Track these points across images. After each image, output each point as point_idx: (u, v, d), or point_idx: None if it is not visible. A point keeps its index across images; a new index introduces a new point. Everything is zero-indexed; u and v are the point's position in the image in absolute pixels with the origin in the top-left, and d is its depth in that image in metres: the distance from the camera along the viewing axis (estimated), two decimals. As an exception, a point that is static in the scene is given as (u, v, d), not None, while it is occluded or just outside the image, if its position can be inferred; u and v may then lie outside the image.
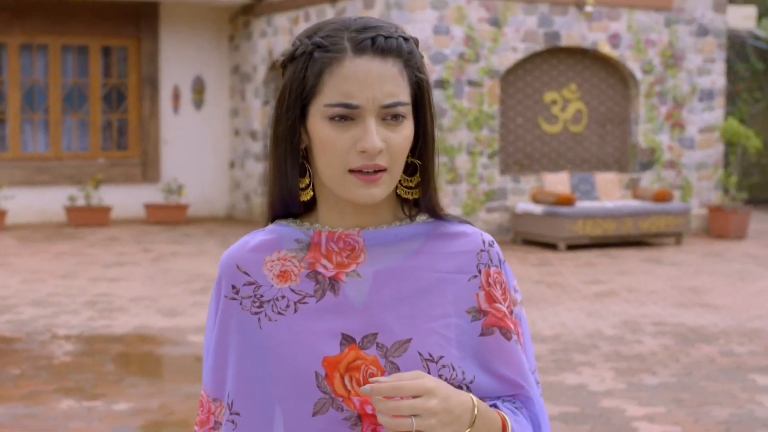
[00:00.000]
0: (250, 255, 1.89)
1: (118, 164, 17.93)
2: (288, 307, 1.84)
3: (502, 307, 1.89)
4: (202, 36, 18.48)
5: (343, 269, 1.85)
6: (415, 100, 1.84)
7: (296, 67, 1.82)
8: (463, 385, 1.83)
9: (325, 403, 1.80)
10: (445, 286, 1.86)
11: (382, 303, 1.83)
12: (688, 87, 16.84)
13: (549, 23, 15.78)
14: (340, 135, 1.76)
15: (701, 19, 16.88)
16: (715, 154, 17.12)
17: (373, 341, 1.81)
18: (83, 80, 17.93)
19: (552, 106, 16.19)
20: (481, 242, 1.90)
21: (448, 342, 1.83)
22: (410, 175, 1.89)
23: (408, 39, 1.82)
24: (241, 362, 1.87)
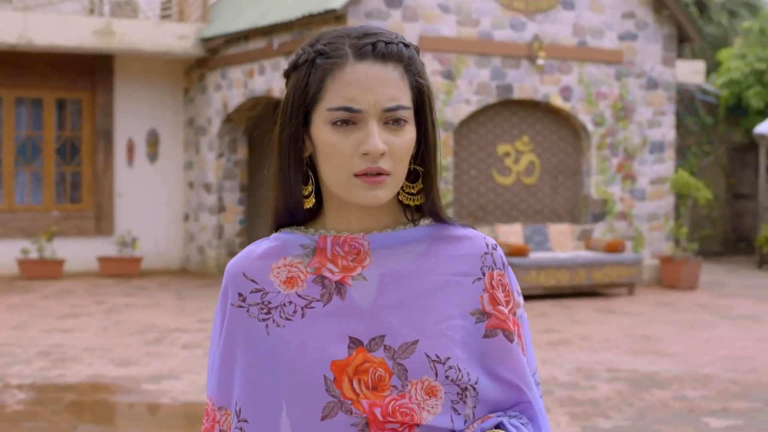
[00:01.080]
0: (256, 262, 1.91)
1: (72, 217, 17.86)
2: (295, 312, 1.86)
3: (504, 310, 1.92)
4: (157, 89, 18.52)
5: (349, 273, 1.87)
6: (416, 106, 1.87)
7: (299, 75, 1.85)
8: (468, 386, 1.86)
9: (333, 406, 1.82)
10: (449, 288, 1.89)
11: (389, 306, 1.86)
12: (638, 139, 17.07)
13: (501, 76, 15.96)
14: (343, 139, 1.80)
15: (651, 72, 17.14)
16: (666, 206, 17.32)
17: (380, 344, 1.84)
18: (37, 133, 17.90)
19: (505, 158, 16.34)
20: (484, 245, 1.93)
21: (454, 343, 1.86)
22: (412, 181, 1.91)
23: (408, 45, 1.86)
24: (248, 369, 1.89)
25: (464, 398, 1.87)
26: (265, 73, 16.31)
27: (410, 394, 1.83)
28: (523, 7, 16.07)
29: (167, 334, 11.59)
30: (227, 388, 1.93)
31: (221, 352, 1.93)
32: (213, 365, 1.96)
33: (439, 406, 1.84)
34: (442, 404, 1.84)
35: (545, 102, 16.37)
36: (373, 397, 1.82)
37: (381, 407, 1.81)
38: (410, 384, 1.83)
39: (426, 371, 1.83)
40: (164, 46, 17.21)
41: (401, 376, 1.83)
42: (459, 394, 1.86)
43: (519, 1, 16.03)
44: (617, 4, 16.81)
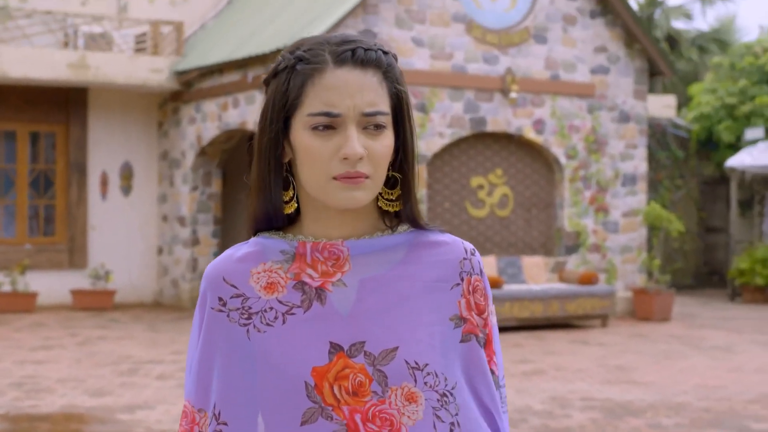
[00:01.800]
0: (236, 267, 1.91)
1: (45, 250, 17.79)
2: (276, 318, 1.87)
3: (477, 315, 1.94)
4: (131, 122, 18.52)
5: (328, 279, 1.88)
6: (395, 112, 1.89)
7: (279, 81, 1.88)
8: (446, 392, 1.87)
9: (314, 412, 1.83)
10: (429, 294, 1.90)
11: (369, 312, 1.86)
12: (611, 172, 17.18)
13: (475, 109, 16.06)
14: (323, 144, 1.81)
15: (623, 105, 17.28)
16: (639, 238, 17.42)
17: (360, 349, 1.85)
18: (10, 166, 17.86)
19: (479, 191, 16.41)
20: (463, 250, 1.94)
21: (434, 349, 1.87)
22: (391, 188, 1.92)
23: (387, 52, 1.88)
24: (228, 373, 1.89)
25: (445, 405, 1.87)
26: (239, 106, 16.34)
27: (390, 400, 1.84)
28: (496, 41, 16.20)
29: (141, 366, 11.55)
30: (205, 391, 1.93)
31: (200, 355, 1.93)
32: (191, 368, 1.96)
33: (419, 412, 1.85)
34: (423, 410, 1.85)
35: (518, 135, 16.47)
36: (354, 403, 1.83)
37: (361, 413, 1.83)
38: (390, 390, 1.84)
39: (406, 378, 1.84)
40: (138, 80, 17.23)
41: (381, 383, 1.84)
42: (439, 401, 1.87)
43: (492, 35, 16.16)
44: (589, 39, 16.97)
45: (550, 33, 16.66)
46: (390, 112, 1.86)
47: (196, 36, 18.70)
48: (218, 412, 1.90)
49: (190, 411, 1.95)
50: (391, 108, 1.87)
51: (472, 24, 16.05)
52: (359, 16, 15.13)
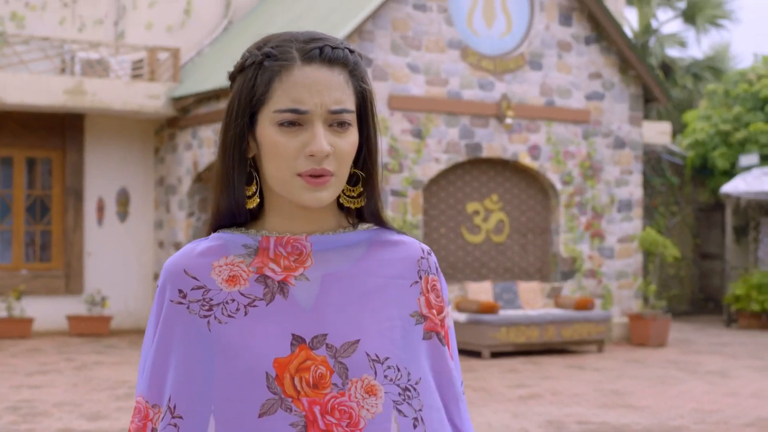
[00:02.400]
0: (197, 260, 1.91)
1: (41, 276, 17.79)
2: (238, 310, 1.87)
3: (436, 314, 1.96)
4: (128, 148, 18.56)
5: (291, 273, 1.89)
6: (360, 110, 1.91)
7: (246, 76, 1.88)
8: (409, 386, 1.89)
9: (273, 403, 1.83)
10: (389, 290, 1.92)
11: (331, 305, 1.88)
12: (606, 198, 17.23)
13: (470, 135, 16.11)
14: (289, 140, 1.83)
15: (618, 132, 17.35)
16: (635, 264, 17.45)
17: (322, 342, 1.86)
18: (7, 191, 17.88)
19: (474, 217, 16.44)
20: (420, 250, 1.97)
21: (394, 344, 1.89)
22: (353, 185, 1.95)
23: (353, 51, 1.90)
24: (185, 365, 1.88)
25: (407, 399, 1.89)
26: (235, 131, 16.36)
27: (350, 393, 1.85)
28: (492, 67, 16.27)
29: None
30: (160, 386, 1.92)
31: (156, 349, 1.92)
32: (146, 363, 1.95)
33: (379, 405, 1.86)
34: (383, 404, 1.86)
35: (514, 161, 16.52)
36: (314, 395, 1.83)
37: (320, 405, 1.83)
38: (350, 382, 1.85)
39: (366, 370, 1.86)
40: (135, 105, 17.28)
41: (342, 375, 1.85)
42: (401, 395, 1.88)
43: (487, 61, 16.23)
44: (584, 65, 17.05)
45: (545, 59, 16.74)
46: (355, 110, 1.88)
47: (192, 62, 18.76)
48: (174, 405, 1.89)
49: (143, 407, 1.93)
50: (356, 105, 1.89)
51: (468, 50, 16.13)
52: (355, 42, 15.20)
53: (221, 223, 1.96)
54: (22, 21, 17.77)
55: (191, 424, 1.88)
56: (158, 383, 1.92)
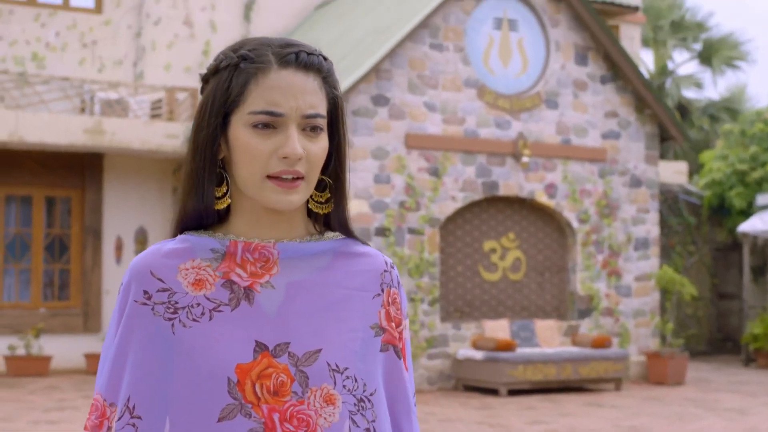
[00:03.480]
0: (163, 261, 1.91)
1: (60, 314, 17.87)
2: (203, 314, 1.88)
3: (395, 326, 1.99)
4: (146, 187, 18.68)
5: (257, 280, 1.90)
6: (330, 117, 1.94)
7: (220, 78, 1.89)
8: (363, 397, 1.91)
9: (233, 409, 1.84)
10: (352, 301, 1.94)
11: (295, 314, 1.89)
12: (623, 236, 17.24)
13: (487, 173, 16.17)
14: (262, 141, 1.84)
15: (634, 170, 17.39)
16: (652, 302, 17.43)
17: (285, 350, 1.87)
18: (26, 230, 17.99)
19: (491, 255, 16.47)
20: (383, 263, 2.00)
21: (354, 355, 1.91)
22: (321, 191, 1.98)
23: (326, 59, 1.93)
24: (147, 367, 1.88)
25: (362, 410, 1.91)
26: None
27: (309, 401, 1.86)
28: (508, 106, 16.36)
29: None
30: (117, 385, 1.92)
31: (116, 348, 1.92)
32: (105, 361, 1.95)
33: (336, 414, 1.88)
34: (339, 413, 1.88)
35: (530, 199, 16.56)
36: (273, 402, 1.85)
37: (279, 413, 1.84)
38: (310, 391, 1.86)
39: (326, 379, 1.87)
40: (154, 145, 17.41)
41: (302, 383, 1.86)
42: (356, 405, 1.90)
43: (504, 100, 16.32)
44: (600, 104, 17.12)
45: (561, 98, 16.82)
46: (326, 116, 1.91)
47: (211, 102, 18.89)
48: (133, 405, 1.89)
49: (101, 404, 1.93)
50: (327, 112, 1.93)
51: (484, 89, 16.22)
52: (372, 82, 15.31)
53: (187, 225, 1.96)
54: (43, 61, 17.97)
55: (150, 425, 1.88)
56: (116, 382, 1.92)
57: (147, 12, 18.63)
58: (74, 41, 18.22)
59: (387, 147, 15.37)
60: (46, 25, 17.99)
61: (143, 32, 18.59)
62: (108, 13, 18.49)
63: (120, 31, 18.56)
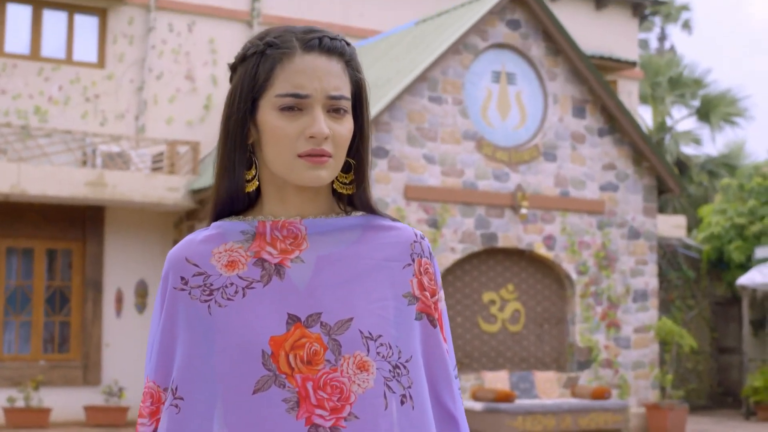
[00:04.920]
0: (198, 248, 1.99)
1: (59, 366, 17.87)
2: (237, 292, 1.95)
3: (429, 296, 2.03)
4: (147, 240, 18.75)
5: (287, 255, 1.97)
6: (355, 100, 2.02)
7: (248, 65, 1.98)
8: (399, 363, 1.95)
9: (267, 380, 1.89)
10: (381, 272, 1.99)
11: (325, 285, 1.95)
12: (622, 288, 17.29)
13: (486, 225, 16.25)
14: (289, 123, 1.93)
15: (632, 222, 17.47)
16: (651, 354, 17.44)
17: (317, 320, 1.92)
18: (27, 282, 18.05)
19: (490, 306, 16.51)
20: (413, 234, 2.05)
21: (387, 322, 1.95)
22: (345, 172, 2.04)
23: (349, 44, 2.01)
24: (188, 349, 1.95)
25: (397, 376, 1.95)
26: (253, 222, 16.54)
27: (342, 368, 1.91)
28: (506, 158, 16.48)
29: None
30: (167, 370, 1.99)
31: (161, 335, 2.00)
32: (153, 348, 2.02)
33: (370, 380, 1.92)
34: (374, 379, 1.92)
35: (529, 251, 16.63)
36: (307, 371, 1.90)
37: (313, 381, 1.90)
38: (343, 359, 1.91)
39: (359, 347, 1.92)
40: (155, 198, 17.50)
41: (335, 351, 1.91)
42: (391, 372, 1.94)
43: (502, 153, 16.44)
44: (598, 156, 17.24)
45: (559, 150, 16.95)
46: (350, 98, 1.99)
47: (211, 156, 19.04)
48: (176, 386, 1.95)
49: (155, 391, 2.00)
50: (351, 94, 2.00)
51: (483, 142, 16.35)
52: (372, 134, 15.43)
53: (221, 210, 2.04)
54: (45, 115, 18.12)
55: (192, 405, 1.94)
56: (165, 367, 1.99)
57: (149, 66, 18.83)
58: (77, 95, 18.39)
59: (386, 198, 15.47)
60: (50, 79, 18.17)
61: (145, 86, 18.77)
62: (111, 67, 18.69)
63: (122, 85, 18.75)
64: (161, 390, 2.00)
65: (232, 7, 19.69)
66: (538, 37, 16.89)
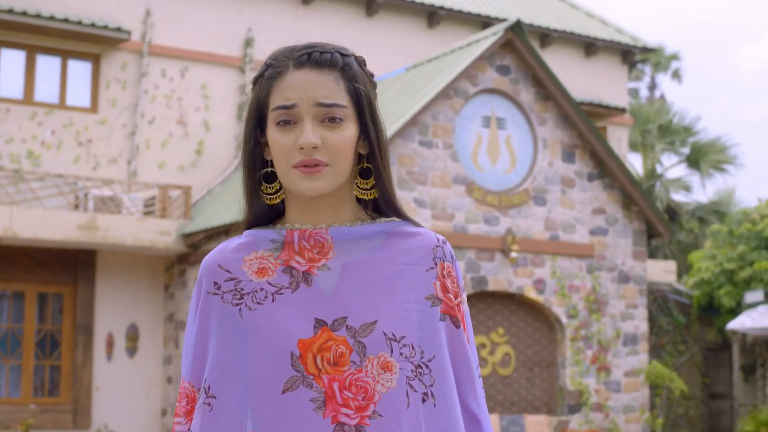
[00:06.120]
0: (230, 255, 2.10)
1: (49, 410, 17.83)
2: (266, 297, 2.05)
3: (452, 298, 2.13)
4: (138, 284, 18.78)
5: (314, 264, 2.07)
6: (357, 108, 2.10)
7: (255, 87, 2.12)
8: (421, 363, 2.05)
9: (296, 380, 1.99)
10: (404, 276, 2.09)
11: (350, 290, 2.05)
12: (612, 331, 17.33)
13: (476, 268, 16.32)
14: (284, 136, 2.04)
15: (622, 266, 17.55)
16: (641, 398, 17.46)
17: (343, 324, 2.02)
18: (18, 326, 18.05)
19: (481, 350, 16.53)
20: (435, 239, 2.14)
21: (410, 324, 2.05)
22: (366, 178, 2.14)
23: (347, 55, 2.11)
24: (220, 350, 2.04)
25: (419, 375, 2.03)
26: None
27: (366, 369, 2.01)
28: (496, 203, 16.57)
29: None
30: (201, 371, 2.09)
31: (195, 337, 2.10)
32: (188, 350, 2.12)
33: (393, 380, 2.01)
34: (397, 379, 2.01)
35: (519, 294, 16.69)
36: (333, 372, 1.99)
37: (339, 381, 1.99)
38: (368, 360, 2.01)
39: (383, 348, 2.01)
40: (146, 241, 17.55)
41: (360, 353, 2.01)
42: (413, 371, 2.03)
43: (492, 197, 16.54)
44: (587, 201, 17.35)
45: (549, 195, 17.05)
46: (348, 106, 2.07)
47: (203, 200, 19.12)
48: (208, 386, 2.04)
49: (190, 391, 2.10)
50: (353, 103, 2.09)
51: (473, 186, 16.45)
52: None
53: (251, 222, 2.16)
54: (38, 159, 18.21)
55: (224, 403, 2.03)
56: (199, 368, 2.09)
57: (142, 111, 18.95)
58: (69, 139, 18.49)
59: (377, 241, 15.50)
60: (43, 123, 18.28)
61: (138, 131, 18.89)
62: (103, 112, 18.81)
63: (115, 129, 18.86)
64: (196, 390, 2.10)
65: (225, 53, 19.85)
66: (528, 82, 17.05)
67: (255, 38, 19.94)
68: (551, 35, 22.37)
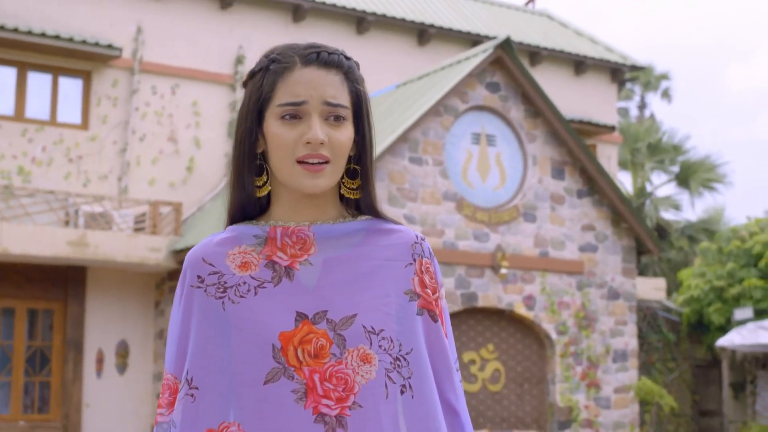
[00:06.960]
0: (214, 249, 2.15)
1: (39, 427, 17.79)
2: (249, 291, 2.10)
3: (430, 293, 2.18)
4: (128, 300, 18.77)
5: (296, 259, 2.13)
6: (355, 109, 2.18)
7: (255, 80, 2.16)
8: (399, 356, 2.09)
9: (277, 372, 2.03)
10: (384, 271, 2.14)
11: (331, 285, 2.11)
12: (602, 348, 17.37)
13: (466, 285, 16.35)
14: (289, 131, 2.09)
15: (612, 283, 17.60)
16: (631, 414, 17.48)
17: (323, 317, 2.08)
18: (7, 342, 18.03)
19: (470, 366, 16.55)
20: (414, 236, 2.21)
21: (389, 318, 2.11)
22: (352, 178, 2.21)
23: (349, 58, 2.18)
24: (203, 342, 2.09)
25: (397, 368, 2.08)
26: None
27: (346, 361, 2.05)
28: (486, 219, 16.62)
29: None
30: (184, 362, 2.13)
31: (179, 329, 2.14)
32: (171, 342, 2.16)
33: (372, 372, 2.06)
34: (376, 371, 2.06)
35: (509, 311, 16.72)
36: (314, 364, 2.04)
37: (320, 373, 2.03)
38: (347, 352, 2.06)
39: (362, 340, 2.07)
40: (137, 258, 17.56)
41: (340, 345, 2.06)
42: (392, 363, 2.08)
43: (482, 213, 16.59)
44: (577, 217, 17.40)
45: (538, 211, 17.11)
46: (349, 107, 2.14)
47: (194, 217, 19.14)
48: (191, 377, 2.08)
49: (172, 383, 2.14)
50: (352, 105, 2.16)
51: (463, 202, 16.50)
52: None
53: (235, 217, 2.20)
54: (29, 175, 18.23)
55: (206, 394, 2.07)
56: (181, 360, 2.14)
57: (133, 128, 18.99)
58: (60, 156, 18.52)
59: (367, 258, 15.54)
60: (33, 140, 18.31)
61: (129, 148, 18.92)
62: (94, 129, 18.84)
63: (106, 146, 18.89)
64: (178, 382, 2.14)
65: (216, 70, 19.91)
66: (518, 99, 17.12)
67: (246, 55, 20.00)
68: (541, 53, 22.47)
